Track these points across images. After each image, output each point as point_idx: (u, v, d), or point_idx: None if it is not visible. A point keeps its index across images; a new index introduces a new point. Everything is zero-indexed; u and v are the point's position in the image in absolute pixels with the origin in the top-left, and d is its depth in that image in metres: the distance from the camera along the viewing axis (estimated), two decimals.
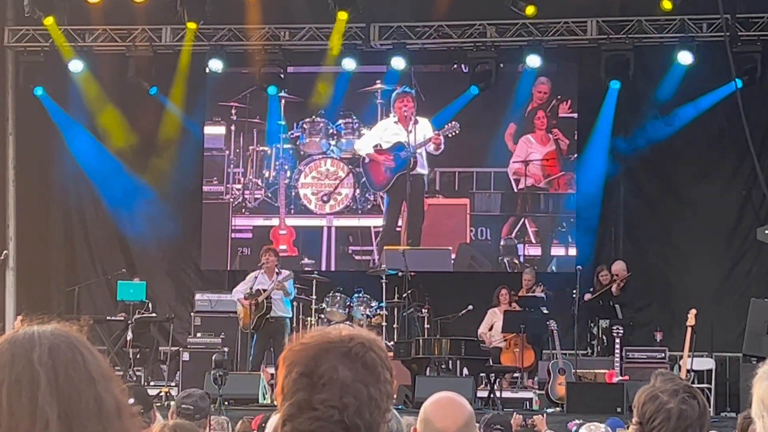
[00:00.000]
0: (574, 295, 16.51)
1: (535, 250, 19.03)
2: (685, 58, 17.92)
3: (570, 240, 18.87)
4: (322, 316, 16.92)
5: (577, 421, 10.80)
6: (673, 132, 18.33)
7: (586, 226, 18.83)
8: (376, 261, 18.81)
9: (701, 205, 18.47)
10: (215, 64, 18.95)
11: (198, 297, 18.19)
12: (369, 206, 19.42)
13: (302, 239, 19.35)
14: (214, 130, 19.71)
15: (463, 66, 19.06)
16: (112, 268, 18.99)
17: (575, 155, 18.95)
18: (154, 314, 17.93)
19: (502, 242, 19.08)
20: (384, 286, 16.85)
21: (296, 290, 16.66)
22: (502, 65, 18.62)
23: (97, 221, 19.74)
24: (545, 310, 16.55)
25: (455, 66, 19.26)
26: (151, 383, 16.84)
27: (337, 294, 17.16)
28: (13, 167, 19.64)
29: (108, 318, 17.85)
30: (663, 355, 16.31)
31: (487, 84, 18.58)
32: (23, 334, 2.14)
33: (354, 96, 19.29)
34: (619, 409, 13.55)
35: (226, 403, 13.71)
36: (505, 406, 15.12)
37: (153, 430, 5.81)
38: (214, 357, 13.81)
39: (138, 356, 17.46)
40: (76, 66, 18.97)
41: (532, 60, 18.43)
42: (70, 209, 19.86)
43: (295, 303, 16.82)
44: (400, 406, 13.93)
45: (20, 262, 19.58)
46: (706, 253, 18.37)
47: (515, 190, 19.08)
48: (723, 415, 15.11)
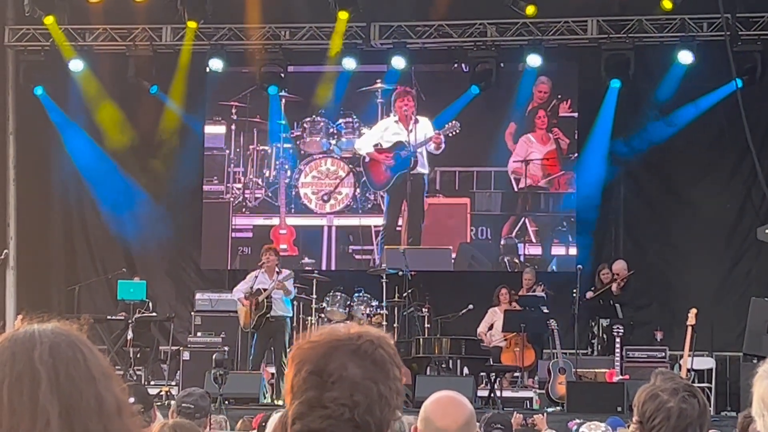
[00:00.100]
0: (575, 295, 16.52)
1: (536, 250, 19.03)
2: (686, 57, 17.92)
3: (570, 239, 18.86)
4: (323, 316, 16.91)
5: (578, 420, 10.81)
6: (673, 132, 18.31)
7: (587, 226, 18.82)
8: (377, 260, 18.80)
9: (701, 205, 18.47)
10: (215, 64, 18.94)
11: (198, 296, 18.19)
12: (369, 206, 19.41)
13: (302, 239, 19.34)
14: (215, 130, 19.70)
15: (463, 65, 19.05)
16: (113, 268, 18.98)
17: (575, 154, 18.94)
18: (154, 313, 17.92)
19: (503, 241, 19.08)
20: (384, 286, 16.84)
21: (296, 289, 16.65)
22: (503, 65, 18.62)
23: (98, 221, 19.72)
24: (545, 310, 16.54)
25: (455, 65, 19.25)
26: (152, 382, 16.84)
27: (337, 293, 17.15)
28: (13, 167, 19.64)
29: (108, 317, 17.83)
30: (663, 354, 16.30)
31: (488, 83, 18.57)
32: (24, 333, 2.14)
33: (354, 95, 19.28)
34: (619, 409, 13.56)
35: (227, 403, 13.72)
36: (505, 406, 15.12)
37: (153, 429, 5.80)
38: (214, 356, 13.83)
39: (138, 355, 17.46)
40: (77, 65, 18.96)
41: (533, 59, 18.42)
42: (71, 208, 19.85)
43: (296, 302, 16.81)
44: None
45: (21, 262, 19.57)
46: (706, 253, 18.36)
47: (515, 190, 19.07)
48: (723, 415, 15.12)
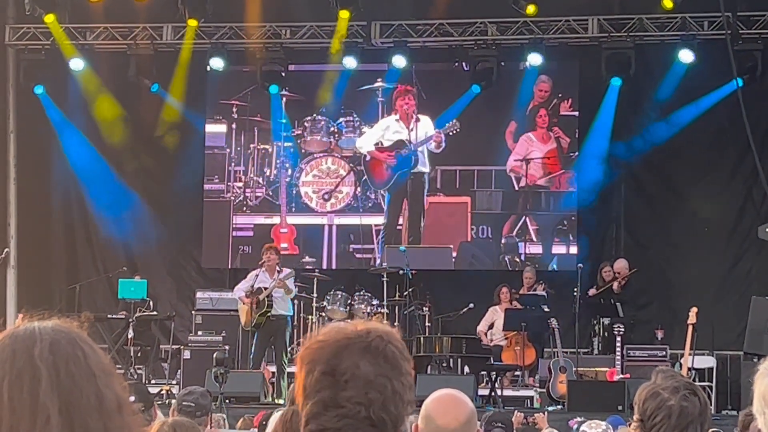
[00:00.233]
0: (575, 293, 16.52)
1: (536, 249, 19.02)
2: (686, 56, 17.91)
3: (571, 238, 18.85)
4: (323, 315, 16.91)
5: (579, 418, 10.80)
6: (673, 131, 18.30)
7: (587, 225, 18.82)
8: (377, 259, 18.80)
9: (702, 204, 18.46)
10: (216, 62, 18.93)
11: (199, 295, 18.19)
12: (370, 204, 19.40)
13: (303, 237, 19.33)
14: (216, 129, 19.69)
15: (464, 64, 19.04)
16: (113, 267, 18.98)
17: (576, 153, 18.93)
18: (155, 312, 17.92)
19: (503, 240, 19.07)
20: (385, 285, 16.84)
21: (297, 288, 16.65)
22: (503, 63, 18.62)
23: (98, 220, 19.71)
24: (546, 309, 16.53)
25: (456, 64, 19.24)
26: (152, 381, 16.83)
27: (338, 292, 17.16)
28: (14, 165, 19.64)
29: (109, 316, 17.84)
30: (664, 353, 16.30)
31: (489, 82, 18.57)
32: (24, 330, 2.14)
33: (355, 94, 19.27)
34: (620, 407, 13.55)
35: (227, 401, 13.72)
36: (506, 405, 15.11)
37: (152, 428, 5.80)
38: (215, 355, 13.82)
39: (139, 354, 17.46)
40: (77, 64, 18.96)
41: (534, 58, 18.41)
42: (72, 207, 19.84)
43: (296, 301, 16.81)
44: None
45: (21, 261, 19.56)
46: (707, 252, 18.35)
47: (516, 189, 19.07)
48: (724, 413, 15.12)
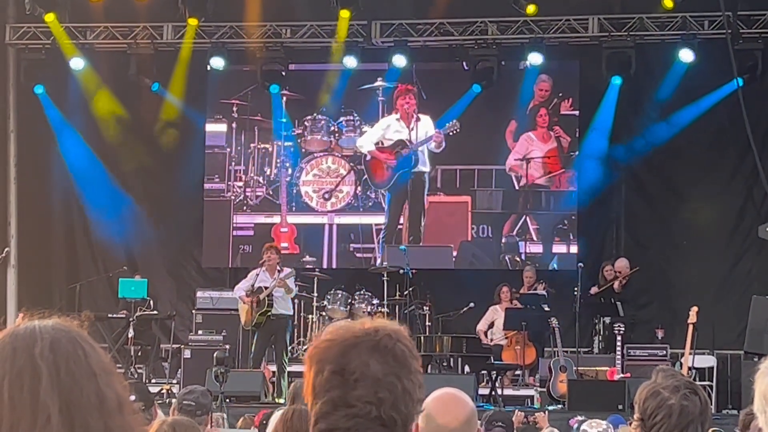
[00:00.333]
0: (576, 293, 16.52)
1: (537, 248, 19.02)
2: (687, 55, 17.91)
3: (571, 237, 18.85)
4: (324, 314, 16.92)
5: (579, 418, 10.79)
6: (674, 131, 18.29)
7: (588, 224, 18.82)
8: (378, 259, 18.79)
9: (702, 203, 18.45)
10: (217, 62, 18.92)
11: (199, 294, 18.19)
12: (370, 204, 19.40)
13: (303, 237, 19.33)
14: (216, 128, 19.69)
15: (464, 63, 19.02)
16: (114, 266, 18.97)
17: (576, 153, 18.93)
18: (155, 312, 17.92)
19: (504, 240, 19.07)
20: (385, 284, 16.84)
21: (297, 288, 16.65)
22: (504, 63, 18.62)
23: (99, 219, 19.70)
24: (546, 308, 16.53)
25: (457, 63, 19.22)
26: (153, 381, 16.83)
27: (338, 291, 17.16)
28: (14, 165, 19.64)
29: (109, 315, 17.84)
30: (664, 352, 16.30)
31: (489, 82, 18.57)
32: (24, 329, 2.14)
33: (355, 93, 19.26)
34: (620, 406, 13.55)
35: (228, 401, 13.72)
36: (506, 404, 15.12)
37: (152, 427, 5.80)
38: (215, 354, 13.82)
39: (139, 354, 17.47)
40: (78, 63, 18.96)
41: (534, 57, 18.41)
42: (72, 207, 19.83)
43: (297, 301, 16.81)
44: None
45: (22, 260, 19.57)
46: (707, 251, 18.35)
47: (516, 188, 19.07)
48: (724, 413, 15.11)
